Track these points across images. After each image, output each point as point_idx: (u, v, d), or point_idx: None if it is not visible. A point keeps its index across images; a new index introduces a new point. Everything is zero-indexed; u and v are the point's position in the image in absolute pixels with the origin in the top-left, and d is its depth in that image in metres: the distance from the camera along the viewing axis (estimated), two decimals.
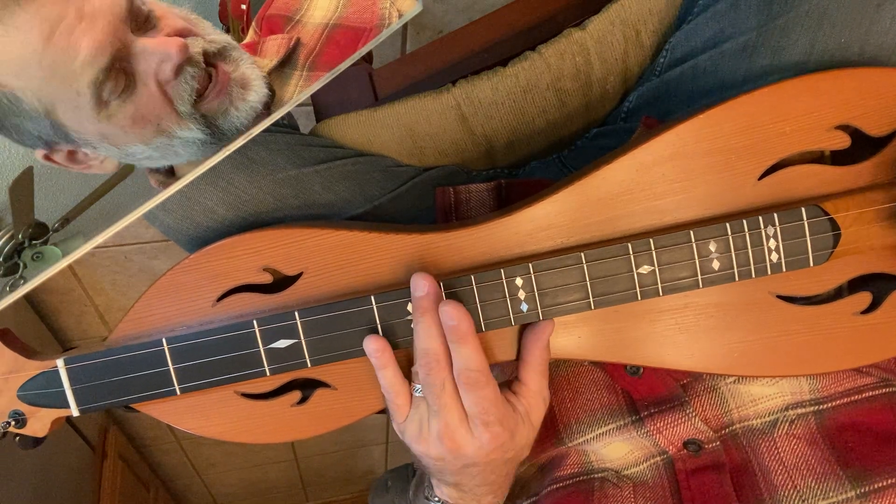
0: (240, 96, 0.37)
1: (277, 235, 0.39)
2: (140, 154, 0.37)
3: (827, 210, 0.38)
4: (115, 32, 0.32)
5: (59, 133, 0.35)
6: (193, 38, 0.36)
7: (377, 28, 0.41)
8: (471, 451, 0.37)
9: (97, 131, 0.35)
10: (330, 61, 0.40)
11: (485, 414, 0.36)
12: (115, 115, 0.35)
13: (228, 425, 0.40)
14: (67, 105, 0.33)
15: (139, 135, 0.36)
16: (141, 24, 0.34)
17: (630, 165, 0.38)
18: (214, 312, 0.39)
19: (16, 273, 0.37)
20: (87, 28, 0.32)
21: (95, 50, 0.32)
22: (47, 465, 1.08)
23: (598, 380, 0.46)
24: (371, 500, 0.59)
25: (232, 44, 0.38)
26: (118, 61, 0.33)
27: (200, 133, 0.37)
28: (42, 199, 0.37)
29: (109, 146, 0.36)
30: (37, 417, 0.39)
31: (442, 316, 0.35)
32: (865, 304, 0.39)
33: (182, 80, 0.35)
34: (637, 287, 0.38)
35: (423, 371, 0.36)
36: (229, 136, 0.38)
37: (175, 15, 0.36)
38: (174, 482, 1.72)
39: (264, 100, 0.38)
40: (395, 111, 0.56)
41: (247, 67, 0.37)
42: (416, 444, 0.38)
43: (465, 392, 0.36)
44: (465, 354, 0.35)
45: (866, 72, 0.38)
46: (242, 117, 0.37)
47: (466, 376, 0.35)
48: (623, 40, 0.55)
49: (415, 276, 0.36)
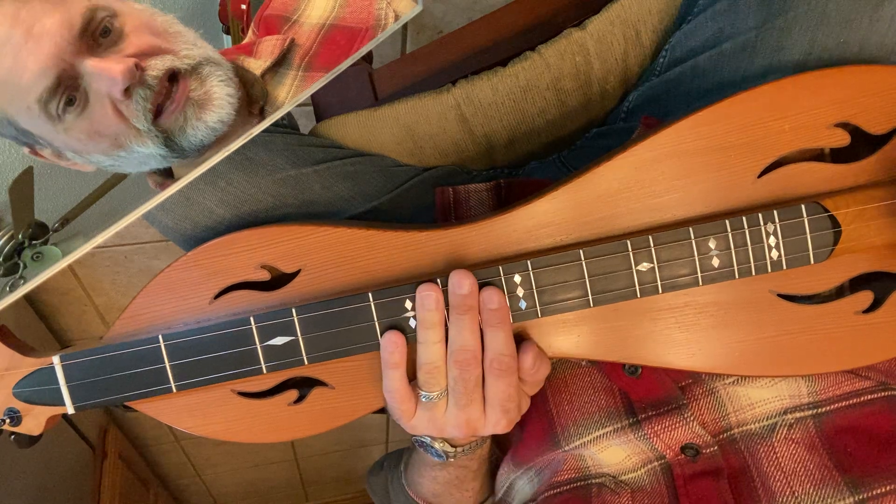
0: (195, 115, 0.37)
1: (275, 233, 0.39)
2: (104, 163, 0.38)
3: (827, 207, 0.38)
4: (61, 54, 0.33)
5: (28, 137, 0.35)
6: (161, 56, 0.35)
7: (374, 29, 0.41)
8: (485, 432, 0.39)
9: (60, 141, 0.36)
10: (327, 62, 0.40)
11: (508, 401, 0.38)
12: (71, 129, 0.35)
13: (225, 424, 0.40)
14: (24, 116, 0.34)
15: (97, 148, 0.36)
16: (101, 42, 0.34)
17: (629, 163, 0.38)
18: (211, 310, 0.39)
19: (16, 273, 0.37)
20: (32, 48, 0.32)
21: (39, 70, 0.32)
22: (47, 465, 1.08)
23: (596, 382, 0.46)
24: (367, 480, 0.60)
25: (210, 57, 0.37)
26: (66, 80, 0.33)
27: (158, 149, 0.37)
28: (42, 199, 0.37)
29: (73, 154, 0.37)
30: (32, 415, 0.39)
31: (483, 299, 0.36)
32: (867, 303, 0.39)
33: (134, 101, 0.35)
34: (636, 284, 0.38)
35: (458, 368, 0.37)
36: (190, 152, 0.38)
37: (146, 31, 0.36)
38: (174, 482, 1.72)
39: (226, 119, 0.37)
40: (394, 111, 0.56)
41: (214, 85, 0.37)
42: (426, 433, 0.40)
43: (495, 379, 0.37)
44: (501, 339, 0.37)
45: (866, 69, 0.38)
46: (200, 136, 0.37)
47: (500, 362, 0.37)
48: (623, 40, 0.55)
49: (456, 272, 0.36)
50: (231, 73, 0.38)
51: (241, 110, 0.39)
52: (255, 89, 0.40)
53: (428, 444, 0.44)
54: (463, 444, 0.44)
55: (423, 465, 0.48)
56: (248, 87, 0.40)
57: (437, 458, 0.44)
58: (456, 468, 0.46)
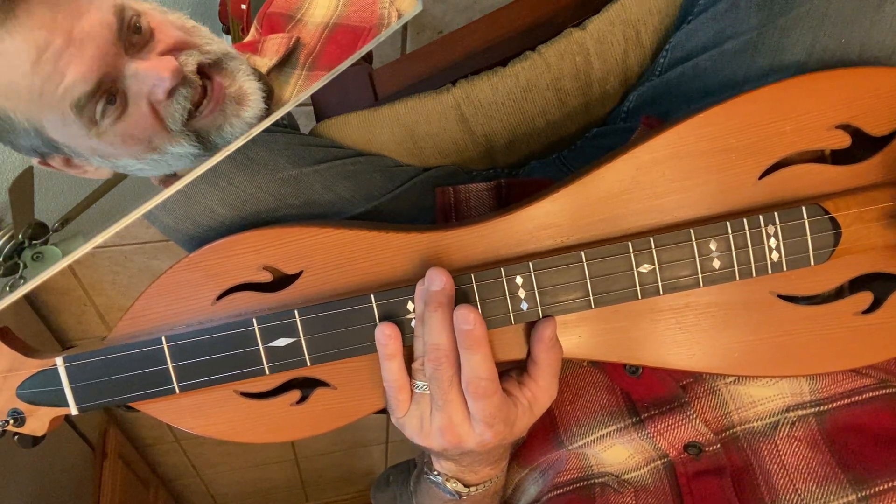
0: (235, 112, 0.36)
1: (277, 234, 0.39)
2: (132, 167, 0.37)
3: (827, 209, 0.38)
4: (104, 57, 0.32)
5: (50, 146, 0.35)
6: (189, 52, 0.35)
7: (377, 28, 0.41)
8: (472, 444, 0.37)
9: (88, 146, 0.35)
10: (330, 61, 0.40)
11: (490, 418, 0.36)
12: (105, 134, 0.35)
13: (227, 425, 0.40)
14: (56, 124, 0.33)
15: (130, 152, 0.36)
16: (134, 42, 0.34)
17: (630, 164, 0.38)
18: (214, 311, 0.39)
19: (16, 273, 0.37)
20: (75, 53, 0.31)
21: (81, 76, 0.32)
22: (47, 465, 1.08)
23: (598, 382, 0.46)
24: (373, 495, 0.59)
25: (229, 53, 0.37)
26: (106, 84, 0.33)
27: (192, 148, 0.37)
28: (42, 199, 0.37)
29: (101, 159, 0.36)
30: (36, 416, 0.39)
31: (457, 318, 0.35)
32: (867, 304, 0.39)
33: (175, 101, 0.35)
34: (637, 285, 0.38)
35: (431, 366, 0.36)
36: (220, 146, 0.38)
37: (171, 26, 0.35)
38: (174, 482, 1.72)
39: (260, 114, 0.37)
40: (395, 111, 0.56)
41: (244, 80, 0.37)
42: (416, 438, 0.39)
43: (472, 400, 0.36)
44: (475, 362, 0.35)
45: (867, 71, 0.38)
46: (237, 132, 0.37)
47: (475, 385, 0.35)
48: (623, 40, 0.55)
49: (432, 269, 0.36)
50: (250, 66, 0.38)
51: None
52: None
53: (440, 483, 0.43)
54: (475, 484, 0.43)
55: (434, 497, 0.47)
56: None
57: (450, 496, 0.43)
58: (469, 503, 0.46)
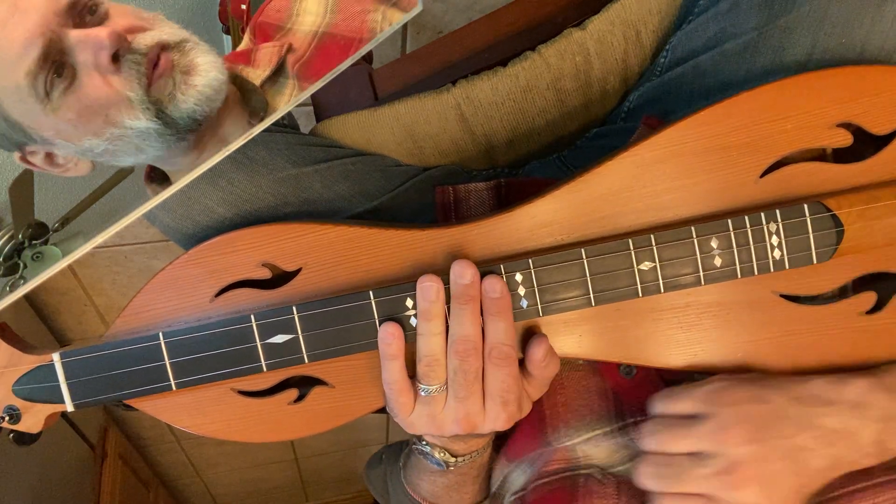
0: (183, 80, 0.36)
1: (276, 231, 0.39)
2: (97, 148, 0.37)
3: (829, 206, 0.37)
4: (48, 24, 0.33)
5: (17, 130, 0.35)
6: (146, 32, 0.36)
7: (366, 37, 0.40)
8: (485, 429, 0.38)
9: (49, 126, 0.35)
10: (322, 69, 0.40)
11: (507, 392, 0.37)
12: (59, 109, 0.35)
13: (224, 423, 0.40)
14: (13, 99, 0.34)
15: (88, 127, 0.36)
16: (84, 20, 0.34)
17: (631, 163, 0.38)
18: (212, 308, 0.39)
19: (16, 273, 0.37)
20: (19, 21, 0.33)
21: (26, 41, 0.33)
22: (47, 464, 1.08)
23: (591, 385, 0.46)
24: (365, 472, 0.60)
25: (192, 39, 0.37)
26: (53, 53, 0.33)
27: (152, 123, 0.36)
28: (42, 199, 0.37)
29: (65, 142, 0.36)
30: (31, 413, 0.38)
31: (485, 287, 0.36)
32: (871, 303, 0.39)
33: (125, 67, 0.35)
34: (638, 283, 0.37)
35: (458, 358, 0.36)
36: (182, 124, 0.37)
37: (128, 14, 0.36)
38: (174, 482, 1.72)
39: (214, 84, 0.37)
40: (394, 111, 0.56)
41: (198, 55, 0.37)
42: (424, 431, 0.39)
43: (495, 368, 0.37)
44: (502, 329, 0.36)
45: (868, 69, 0.38)
46: (191, 102, 0.36)
47: (499, 351, 0.36)
48: (623, 40, 0.55)
49: (458, 262, 0.36)
50: (213, 52, 0.38)
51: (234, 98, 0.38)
52: (254, 100, 0.40)
53: (428, 453, 0.44)
54: (463, 454, 0.44)
55: (422, 469, 0.48)
56: (248, 97, 0.40)
57: (437, 466, 0.44)
58: (455, 475, 0.46)
